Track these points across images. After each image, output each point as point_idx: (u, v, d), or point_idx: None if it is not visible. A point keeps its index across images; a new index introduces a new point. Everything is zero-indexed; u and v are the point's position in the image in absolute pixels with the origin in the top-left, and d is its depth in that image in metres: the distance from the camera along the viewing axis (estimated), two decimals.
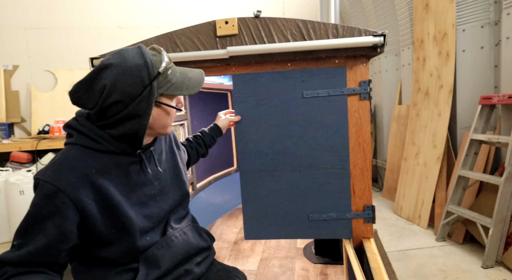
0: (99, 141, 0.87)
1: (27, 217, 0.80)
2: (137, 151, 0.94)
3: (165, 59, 0.88)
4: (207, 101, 3.12)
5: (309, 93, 1.48)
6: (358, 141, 1.48)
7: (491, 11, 2.79)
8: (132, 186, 0.94)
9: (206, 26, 1.50)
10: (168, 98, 0.93)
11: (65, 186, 0.79)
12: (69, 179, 0.80)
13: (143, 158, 0.96)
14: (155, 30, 4.69)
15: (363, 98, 1.45)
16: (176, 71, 0.93)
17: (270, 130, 1.52)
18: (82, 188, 0.82)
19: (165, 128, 0.96)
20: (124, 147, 0.90)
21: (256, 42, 1.47)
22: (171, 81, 0.90)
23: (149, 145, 0.99)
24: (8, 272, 0.76)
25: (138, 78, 0.83)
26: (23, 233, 0.79)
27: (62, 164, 0.83)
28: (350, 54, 1.43)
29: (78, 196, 0.81)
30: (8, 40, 4.45)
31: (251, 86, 1.52)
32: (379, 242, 1.59)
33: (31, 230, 0.79)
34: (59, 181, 0.79)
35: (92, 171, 0.84)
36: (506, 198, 2.27)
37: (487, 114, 2.63)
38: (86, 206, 0.82)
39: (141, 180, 0.96)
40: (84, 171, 0.83)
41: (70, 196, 0.79)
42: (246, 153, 1.55)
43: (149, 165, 0.98)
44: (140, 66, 0.84)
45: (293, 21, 1.44)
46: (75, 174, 0.82)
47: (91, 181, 0.84)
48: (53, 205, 0.78)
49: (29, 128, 4.50)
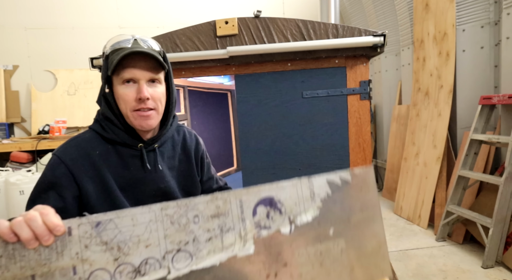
0: (105, 128, 0.92)
1: (35, 187, 0.87)
2: (138, 144, 0.94)
3: (112, 41, 0.91)
4: (207, 101, 3.12)
5: (309, 93, 1.48)
6: (358, 141, 1.48)
7: (491, 11, 2.79)
8: (129, 179, 0.93)
9: (206, 26, 1.50)
10: (117, 82, 0.88)
11: (67, 160, 0.87)
12: (72, 154, 0.88)
13: (143, 153, 0.95)
14: (155, 30, 4.69)
15: (363, 98, 1.46)
16: (122, 52, 0.86)
17: (271, 130, 1.53)
18: (82, 165, 0.87)
19: (127, 117, 0.90)
20: (124, 137, 0.92)
21: (256, 42, 1.47)
22: (113, 61, 0.85)
23: (153, 141, 0.97)
24: None
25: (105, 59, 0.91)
26: (31, 202, 0.86)
27: (71, 142, 0.91)
28: (350, 54, 1.43)
29: (77, 171, 0.87)
30: (8, 40, 4.46)
31: (252, 87, 1.53)
32: None
33: (37, 199, 0.85)
34: (63, 155, 0.87)
35: (95, 153, 0.90)
36: (506, 198, 2.27)
37: (487, 114, 2.63)
38: (84, 182, 0.87)
39: (140, 176, 0.95)
40: (88, 152, 0.89)
41: (70, 168, 0.86)
42: (247, 152, 1.56)
43: (148, 162, 0.96)
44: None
45: (293, 21, 1.44)
46: (79, 152, 0.89)
47: (92, 161, 0.89)
48: (54, 176, 0.86)
49: (29, 128, 4.50)
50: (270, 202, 0.59)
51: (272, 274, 0.55)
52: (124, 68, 0.86)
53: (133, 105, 0.88)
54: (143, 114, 0.89)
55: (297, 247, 0.57)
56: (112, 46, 0.90)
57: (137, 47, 0.88)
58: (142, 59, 0.87)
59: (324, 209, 0.61)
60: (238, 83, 1.54)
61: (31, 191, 0.88)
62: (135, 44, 0.89)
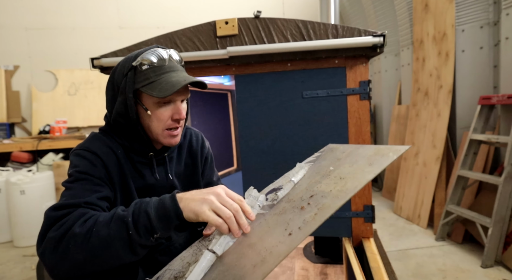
0: (118, 134, 0.92)
1: (71, 181, 0.81)
2: (149, 153, 0.94)
3: (148, 56, 0.86)
4: (207, 101, 3.12)
5: (308, 93, 1.49)
6: (357, 141, 1.48)
7: (491, 11, 2.80)
8: (142, 184, 0.94)
9: (206, 27, 1.51)
10: (148, 98, 0.87)
11: (98, 151, 0.86)
12: (101, 147, 0.88)
13: (153, 162, 0.95)
14: (156, 31, 4.70)
15: (363, 98, 1.46)
16: (161, 71, 0.86)
17: (271, 130, 1.54)
18: (111, 158, 0.88)
19: (152, 132, 0.89)
20: (136, 145, 0.92)
21: (256, 42, 1.48)
22: (150, 78, 0.84)
23: (163, 150, 0.97)
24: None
25: (122, 68, 0.88)
26: (69, 193, 0.80)
27: (93, 139, 0.91)
28: (350, 54, 1.44)
29: (108, 163, 0.87)
30: (9, 41, 4.47)
31: (252, 87, 1.53)
32: (379, 241, 1.59)
33: (76, 186, 0.80)
34: (93, 148, 0.87)
35: (119, 151, 0.90)
36: (505, 197, 2.28)
37: (487, 114, 2.64)
38: (112, 174, 0.87)
39: (151, 183, 0.95)
40: (112, 147, 0.90)
41: (102, 158, 0.86)
42: (247, 152, 1.56)
43: (158, 171, 0.96)
44: (128, 59, 0.88)
45: (293, 21, 1.45)
46: (106, 146, 0.89)
47: (117, 157, 0.89)
48: (91, 164, 0.84)
49: (30, 128, 4.51)
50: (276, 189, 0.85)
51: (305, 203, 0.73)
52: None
53: (168, 124, 0.88)
54: (173, 133, 0.90)
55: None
56: (145, 59, 0.85)
57: (174, 67, 0.88)
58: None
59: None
60: (238, 83, 1.54)
61: (67, 184, 0.83)
62: (170, 61, 0.88)
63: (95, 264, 0.69)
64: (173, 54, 0.91)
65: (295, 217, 0.68)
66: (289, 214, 0.71)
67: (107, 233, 0.68)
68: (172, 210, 0.70)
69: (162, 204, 0.71)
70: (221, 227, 0.67)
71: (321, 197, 0.71)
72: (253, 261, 0.60)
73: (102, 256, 0.69)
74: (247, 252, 0.64)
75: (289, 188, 0.84)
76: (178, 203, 0.70)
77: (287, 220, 0.69)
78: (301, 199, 0.75)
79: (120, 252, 0.69)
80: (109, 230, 0.69)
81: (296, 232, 0.63)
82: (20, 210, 3.10)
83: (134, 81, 0.86)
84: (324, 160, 0.91)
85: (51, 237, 0.69)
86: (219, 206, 0.68)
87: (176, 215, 0.69)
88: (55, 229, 0.70)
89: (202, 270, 0.66)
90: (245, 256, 0.63)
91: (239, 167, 3.40)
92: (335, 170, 0.82)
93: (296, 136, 1.52)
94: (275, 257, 0.58)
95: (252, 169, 1.57)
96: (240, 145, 1.57)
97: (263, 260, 0.59)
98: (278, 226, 0.68)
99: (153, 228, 0.69)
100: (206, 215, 0.67)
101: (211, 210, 0.68)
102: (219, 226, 0.67)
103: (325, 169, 0.85)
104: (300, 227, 0.64)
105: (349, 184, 0.72)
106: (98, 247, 0.68)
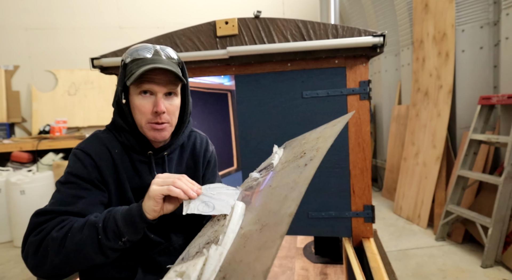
0: (119, 132, 0.94)
1: (62, 182, 0.86)
2: (148, 151, 0.94)
3: (133, 50, 0.89)
4: (207, 101, 3.12)
5: (308, 93, 1.49)
6: (357, 141, 1.48)
7: (490, 11, 2.80)
8: (139, 183, 0.94)
9: (206, 27, 1.51)
10: (132, 91, 0.89)
11: (92, 153, 0.89)
12: (95, 149, 0.90)
13: (152, 161, 0.96)
14: (156, 31, 4.70)
15: (363, 98, 1.46)
16: (143, 63, 0.86)
17: (271, 130, 1.53)
18: (105, 160, 0.90)
19: (141, 127, 0.90)
20: (135, 143, 0.93)
21: (256, 42, 1.48)
22: (132, 71, 0.86)
23: (163, 149, 0.97)
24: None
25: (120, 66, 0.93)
26: (69, 197, 0.84)
27: (91, 138, 0.94)
28: (350, 54, 1.44)
29: (101, 164, 0.89)
30: (9, 41, 4.47)
31: (252, 87, 1.53)
32: (379, 241, 1.59)
33: (80, 191, 0.85)
34: (88, 149, 0.90)
35: (115, 151, 0.92)
36: (505, 197, 2.28)
37: (487, 114, 2.64)
38: (105, 174, 0.89)
39: (149, 182, 0.94)
40: (109, 148, 0.92)
41: (95, 159, 0.88)
42: (247, 152, 1.56)
43: (156, 171, 0.97)
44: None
45: (293, 21, 1.45)
46: (102, 147, 0.91)
47: (112, 157, 0.91)
48: (83, 166, 0.87)
49: (30, 128, 4.51)
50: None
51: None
52: (143, 80, 0.85)
53: (149, 117, 0.88)
54: (157, 127, 0.89)
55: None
56: (131, 55, 0.88)
57: (158, 60, 0.87)
58: (161, 72, 0.86)
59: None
60: (238, 83, 1.54)
61: (59, 184, 0.88)
62: (156, 55, 0.88)
63: (71, 265, 0.75)
64: (162, 49, 0.91)
65: (301, 160, 0.73)
66: (295, 162, 0.76)
67: (79, 238, 0.75)
68: (137, 215, 0.76)
69: (129, 210, 0.78)
70: (171, 191, 0.74)
71: (312, 147, 0.76)
72: (284, 192, 0.63)
73: (77, 258, 0.75)
74: (274, 192, 0.67)
75: (276, 160, 0.92)
76: (142, 207, 0.76)
77: (295, 165, 0.73)
78: (295, 155, 0.81)
79: (92, 255, 0.75)
80: (82, 235, 0.75)
81: (309, 164, 0.67)
82: (20, 210, 3.10)
83: (124, 76, 0.89)
84: (293, 148, 0.96)
85: (32, 242, 0.76)
86: (161, 181, 0.77)
87: (140, 218, 0.76)
88: (35, 234, 0.77)
89: (240, 216, 0.70)
90: (273, 194, 0.66)
91: (239, 167, 3.40)
92: (307, 143, 0.87)
93: (296, 136, 1.52)
94: (303, 181, 0.60)
95: (252, 169, 1.56)
96: (240, 145, 1.57)
97: (292, 188, 0.61)
98: (290, 170, 0.72)
99: (120, 233, 0.76)
100: (154, 192, 0.75)
101: (157, 185, 0.76)
102: (169, 191, 0.74)
103: (298, 148, 0.90)
104: (311, 158, 0.68)
105: (327, 136, 0.78)
106: (72, 250, 0.74)
